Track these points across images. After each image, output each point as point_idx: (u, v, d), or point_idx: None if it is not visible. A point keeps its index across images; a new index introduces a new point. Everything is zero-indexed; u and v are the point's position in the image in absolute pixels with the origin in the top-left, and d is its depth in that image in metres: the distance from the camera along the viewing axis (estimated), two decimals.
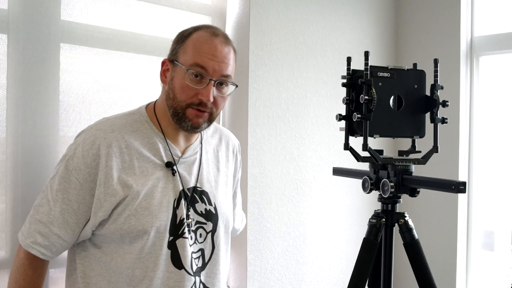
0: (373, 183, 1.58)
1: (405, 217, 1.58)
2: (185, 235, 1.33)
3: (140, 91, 1.80)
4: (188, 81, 1.28)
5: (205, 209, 1.39)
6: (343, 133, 1.58)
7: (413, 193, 1.54)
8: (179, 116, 1.31)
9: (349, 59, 1.58)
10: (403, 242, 1.58)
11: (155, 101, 1.40)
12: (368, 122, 1.48)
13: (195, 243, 1.36)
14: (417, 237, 1.57)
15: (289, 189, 2.26)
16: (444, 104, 1.55)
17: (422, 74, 1.59)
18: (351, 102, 1.54)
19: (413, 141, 1.63)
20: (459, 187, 1.38)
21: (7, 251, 1.51)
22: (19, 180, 1.50)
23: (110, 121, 1.34)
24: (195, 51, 1.29)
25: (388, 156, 1.57)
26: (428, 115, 1.60)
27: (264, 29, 2.13)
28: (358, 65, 1.57)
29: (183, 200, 1.34)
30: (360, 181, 1.63)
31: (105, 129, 1.30)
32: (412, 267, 1.56)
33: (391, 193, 1.52)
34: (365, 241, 1.57)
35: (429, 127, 1.59)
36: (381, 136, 1.53)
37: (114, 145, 1.27)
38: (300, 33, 2.27)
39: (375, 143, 1.63)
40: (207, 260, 1.39)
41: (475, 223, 2.57)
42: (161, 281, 1.29)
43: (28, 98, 1.51)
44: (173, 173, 1.34)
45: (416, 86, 1.58)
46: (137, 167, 1.29)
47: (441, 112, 1.57)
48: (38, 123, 1.54)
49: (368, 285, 1.61)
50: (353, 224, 2.54)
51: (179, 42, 1.33)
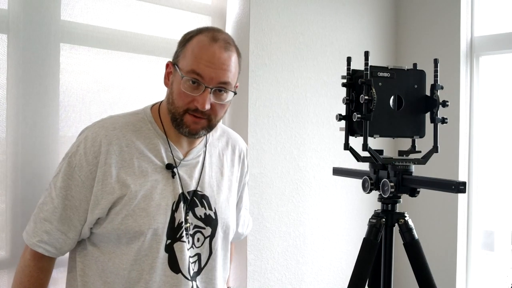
0: (373, 183, 1.58)
1: (405, 217, 1.58)
2: (183, 239, 1.32)
3: (140, 91, 1.79)
4: (184, 88, 1.25)
5: (205, 214, 1.37)
6: (343, 133, 1.58)
7: (413, 193, 1.54)
8: (177, 121, 1.29)
9: (349, 59, 1.57)
10: (403, 242, 1.57)
11: (161, 102, 1.39)
12: (368, 122, 1.48)
13: (192, 247, 1.35)
14: (417, 237, 1.57)
15: (289, 189, 2.26)
16: (444, 104, 1.55)
17: (422, 74, 1.59)
18: (351, 102, 1.54)
19: (413, 141, 1.63)
20: (459, 187, 1.38)
21: (7, 251, 1.51)
22: (19, 180, 1.50)
23: (113, 119, 1.33)
24: (192, 57, 1.26)
25: (388, 156, 1.57)
26: (428, 115, 1.60)
27: (264, 29, 2.13)
28: (358, 65, 1.57)
29: (182, 203, 1.33)
30: (360, 181, 1.62)
31: (107, 127, 1.29)
32: (412, 267, 1.56)
33: (391, 193, 1.52)
34: (365, 241, 1.57)
35: (429, 127, 1.59)
36: (381, 136, 1.53)
37: (114, 143, 1.27)
38: (300, 33, 2.27)
39: (375, 143, 1.63)
40: (203, 265, 1.38)
41: (475, 223, 2.57)
42: (157, 284, 1.29)
43: (28, 98, 1.51)
44: (173, 176, 1.33)
45: (416, 86, 1.58)
46: (136, 166, 1.28)
47: (441, 112, 1.57)
48: (38, 123, 1.54)
49: (368, 285, 1.61)
50: (353, 224, 2.54)
51: (181, 45, 1.31)
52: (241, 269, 2.10)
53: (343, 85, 1.57)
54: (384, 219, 1.57)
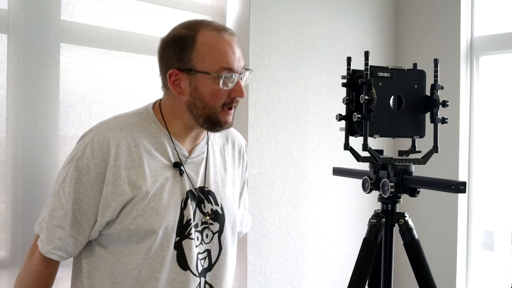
0: (373, 183, 1.58)
1: (405, 217, 1.58)
2: (191, 236, 1.32)
3: (140, 91, 1.79)
4: (221, 85, 1.26)
5: (212, 210, 1.38)
6: (343, 133, 1.58)
7: (413, 193, 1.54)
8: (213, 121, 1.30)
9: (349, 59, 1.57)
10: (403, 242, 1.57)
11: (159, 102, 1.38)
12: (368, 122, 1.48)
13: (202, 243, 1.35)
14: (417, 237, 1.57)
15: (289, 189, 2.26)
16: (444, 104, 1.55)
17: (422, 74, 1.59)
18: (351, 102, 1.54)
19: (413, 141, 1.63)
20: (459, 187, 1.38)
21: (7, 251, 1.51)
22: (19, 180, 1.50)
23: (118, 119, 1.32)
24: (215, 55, 1.26)
25: (388, 156, 1.57)
26: (428, 115, 1.60)
27: (264, 29, 2.13)
28: (358, 65, 1.57)
29: (190, 200, 1.33)
30: (360, 181, 1.62)
31: (113, 128, 1.28)
32: (412, 267, 1.56)
33: (391, 193, 1.52)
34: (365, 241, 1.57)
35: (429, 127, 1.59)
36: (381, 136, 1.53)
37: (122, 144, 1.26)
38: (300, 33, 2.27)
39: (375, 143, 1.63)
40: (214, 261, 1.38)
41: (475, 223, 2.57)
42: (166, 282, 1.29)
43: (28, 98, 1.51)
44: (181, 174, 1.33)
45: (416, 86, 1.58)
46: (146, 166, 1.27)
47: (441, 112, 1.57)
48: (38, 123, 1.54)
49: (368, 285, 1.61)
50: (353, 224, 2.54)
51: (185, 49, 1.27)
52: (241, 269, 2.10)
53: (343, 85, 1.57)
54: (384, 219, 1.57)
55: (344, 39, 2.46)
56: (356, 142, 1.58)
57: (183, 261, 1.31)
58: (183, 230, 1.31)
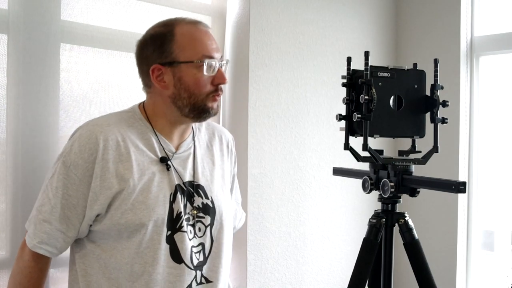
0: (373, 183, 1.58)
1: (405, 217, 1.58)
2: (183, 229, 1.33)
3: (140, 91, 1.79)
4: (206, 71, 1.31)
5: (202, 203, 1.40)
6: (343, 133, 1.58)
7: (413, 193, 1.54)
8: (200, 109, 1.34)
9: (349, 59, 1.58)
10: (403, 242, 1.58)
11: (142, 105, 1.41)
12: (368, 122, 1.48)
13: (195, 237, 1.37)
14: (417, 237, 1.57)
15: (289, 189, 2.26)
16: (444, 104, 1.55)
17: (422, 74, 1.59)
18: (351, 102, 1.54)
19: (413, 141, 1.63)
20: (459, 187, 1.38)
21: (7, 250, 1.51)
22: (19, 180, 1.50)
23: (105, 117, 1.36)
24: (195, 44, 1.32)
25: (388, 156, 1.57)
26: (428, 115, 1.60)
27: (264, 29, 2.13)
28: (358, 65, 1.57)
29: (179, 194, 1.35)
30: (360, 181, 1.63)
31: (101, 124, 1.31)
32: (412, 267, 1.56)
33: (391, 193, 1.52)
34: (365, 241, 1.57)
35: (429, 127, 1.59)
36: (381, 136, 1.53)
37: (110, 138, 1.28)
38: (300, 33, 2.27)
39: (375, 143, 1.63)
40: (207, 254, 1.40)
41: (475, 223, 2.57)
42: (161, 276, 1.30)
43: (28, 98, 1.51)
44: (168, 168, 1.34)
45: (416, 86, 1.58)
46: (133, 160, 1.29)
47: (441, 112, 1.57)
48: (38, 123, 1.54)
49: (368, 285, 1.61)
50: (353, 224, 2.54)
51: (165, 43, 1.31)
52: (241, 269, 2.11)
53: (343, 85, 1.57)
54: (384, 219, 1.57)
55: (344, 39, 2.46)
56: (356, 142, 1.58)
57: (176, 255, 1.32)
58: (174, 223, 1.32)
